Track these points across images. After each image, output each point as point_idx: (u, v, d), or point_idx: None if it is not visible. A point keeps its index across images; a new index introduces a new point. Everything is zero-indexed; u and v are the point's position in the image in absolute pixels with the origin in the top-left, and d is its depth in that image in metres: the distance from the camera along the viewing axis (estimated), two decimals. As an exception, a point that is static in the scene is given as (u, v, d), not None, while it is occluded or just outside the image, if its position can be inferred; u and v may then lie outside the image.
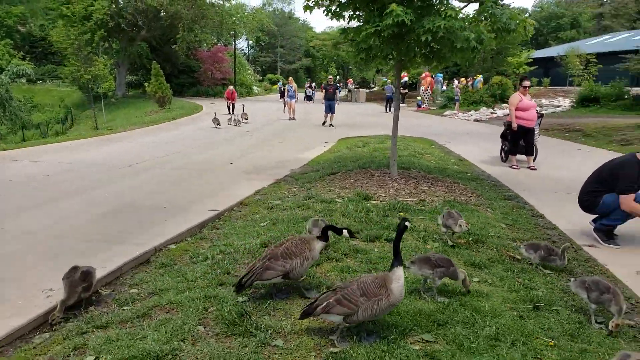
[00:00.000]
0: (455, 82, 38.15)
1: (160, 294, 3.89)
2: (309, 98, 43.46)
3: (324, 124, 20.02)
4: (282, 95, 45.78)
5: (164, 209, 6.82)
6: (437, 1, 7.01)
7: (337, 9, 7.27)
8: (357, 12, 7.41)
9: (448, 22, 6.21)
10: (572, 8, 75.38)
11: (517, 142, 10.41)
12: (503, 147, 11.20)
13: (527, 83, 10.27)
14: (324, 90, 21.92)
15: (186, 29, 36.55)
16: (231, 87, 26.12)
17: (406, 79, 34.29)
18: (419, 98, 33.71)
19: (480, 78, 36.32)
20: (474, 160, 11.19)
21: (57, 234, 5.73)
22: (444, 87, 38.92)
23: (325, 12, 7.44)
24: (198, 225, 6.06)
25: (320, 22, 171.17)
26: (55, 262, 4.71)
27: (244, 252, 4.75)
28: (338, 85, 27.85)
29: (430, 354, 2.89)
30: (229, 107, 24.63)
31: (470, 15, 7.09)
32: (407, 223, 3.13)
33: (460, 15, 6.57)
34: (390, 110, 28.63)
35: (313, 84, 49.66)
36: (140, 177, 9.23)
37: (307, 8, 7.52)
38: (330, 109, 19.71)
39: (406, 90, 34.65)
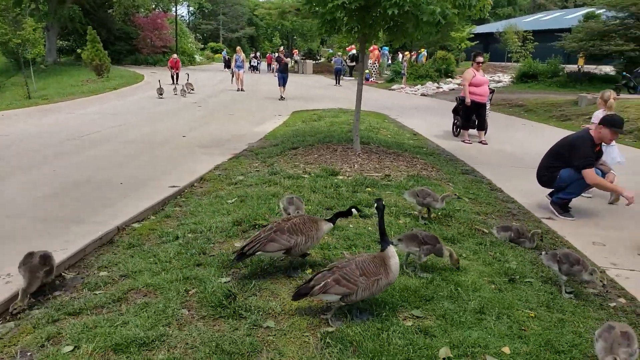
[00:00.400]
0: (400, 55, 38.61)
1: (134, 277, 3.70)
2: (254, 68, 42.60)
3: (281, 98, 19.46)
4: (227, 65, 44.65)
5: (121, 186, 6.47)
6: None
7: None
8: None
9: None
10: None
11: (470, 117, 10.70)
12: (455, 121, 11.48)
13: (480, 59, 10.51)
14: (276, 62, 21.27)
15: (122, -8, 34.37)
16: (175, 55, 25.03)
17: (354, 51, 34.23)
18: (366, 71, 33.81)
19: (424, 52, 36.94)
20: (427, 135, 11.42)
21: (8, 213, 5.30)
22: (389, 61, 39.27)
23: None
24: (160, 202, 5.80)
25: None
26: (10, 245, 4.37)
27: (216, 230, 4.60)
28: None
29: (423, 329, 2.94)
30: (172, 77, 23.65)
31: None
32: (382, 202, 3.18)
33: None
34: (339, 83, 28.61)
35: (258, 54, 48.61)
36: (89, 151, 8.69)
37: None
38: (284, 81, 19.26)
39: (354, 63, 34.64)
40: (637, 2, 21.36)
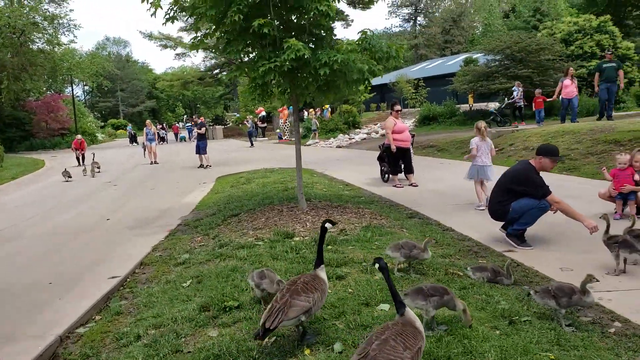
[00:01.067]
0: (306, 113, 39.76)
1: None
2: (162, 139, 41.54)
3: (203, 166, 18.71)
4: (132, 139, 43.17)
5: (50, 286, 5.64)
6: (325, 35, 7.12)
7: (227, 46, 6.91)
8: (247, 48, 7.13)
9: (344, 56, 6.30)
10: (394, 40, 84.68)
11: (397, 162, 11.01)
12: (382, 168, 11.74)
13: (398, 107, 10.99)
14: (196, 131, 20.48)
15: (12, 78, 32.29)
16: (79, 136, 23.67)
17: (264, 113, 34.72)
18: (278, 130, 34.27)
19: (328, 108, 38.38)
20: (359, 184, 11.52)
21: None
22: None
23: (212, 49, 7.05)
24: (102, 298, 5.12)
25: (161, 63, 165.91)
26: None
27: (182, 321, 4.07)
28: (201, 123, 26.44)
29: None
30: (78, 159, 22.23)
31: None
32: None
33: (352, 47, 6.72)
34: (253, 145, 28.57)
35: (164, 124, 47.66)
36: (2, 251, 7.60)
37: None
38: (204, 150, 18.55)
39: (265, 125, 35.01)
40: (510, 46, 24.07)
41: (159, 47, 46.34)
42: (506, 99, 23.53)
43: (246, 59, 7.32)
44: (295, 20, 6.83)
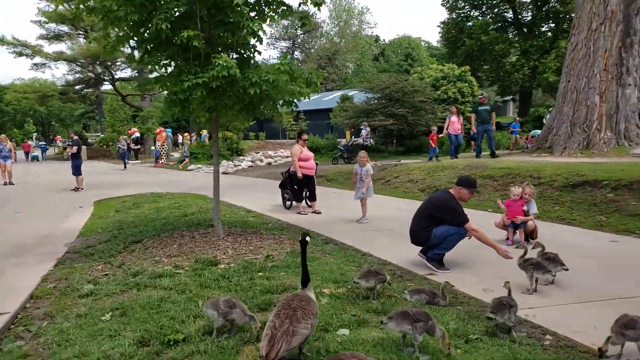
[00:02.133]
0: (180, 137, 38.24)
1: None
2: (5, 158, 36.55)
3: (76, 189, 16.65)
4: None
5: None
6: (251, 54, 7.00)
7: (146, 55, 6.40)
8: (168, 60, 6.69)
9: (275, 76, 6.23)
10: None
11: (302, 189, 11.07)
12: (285, 195, 11.70)
13: (305, 137, 11.14)
14: (69, 151, 18.08)
15: None
16: None
17: (137, 134, 32.61)
18: (153, 149, 32.25)
19: (205, 133, 37.26)
20: (261, 211, 11.30)
21: None
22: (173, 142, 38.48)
23: (129, 59, 6.47)
24: (-7, 340, 4.22)
25: (6, 72, 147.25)
26: None
27: (120, 359, 3.52)
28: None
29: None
30: None
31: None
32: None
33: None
34: (126, 167, 26.57)
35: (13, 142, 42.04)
36: None
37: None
38: (79, 171, 16.55)
39: (139, 146, 32.86)
40: (389, 86, 26.08)
41: (12, 54, 41.16)
42: (353, 137, 25.23)
43: (163, 70, 6.85)
44: (221, 37, 6.58)
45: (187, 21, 6.28)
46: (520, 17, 39.48)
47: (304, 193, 11.23)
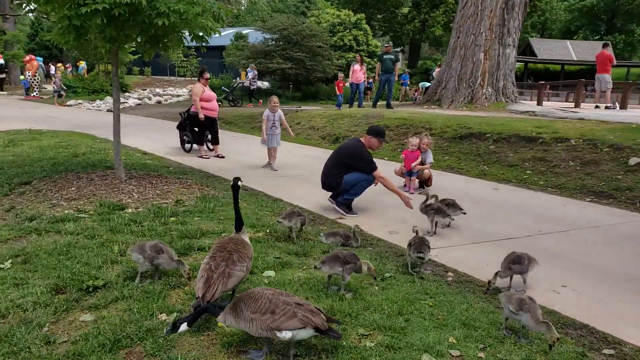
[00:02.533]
0: (53, 68, 34.21)
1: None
2: None
3: None
4: None
5: None
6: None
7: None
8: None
9: (185, 7, 5.82)
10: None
11: (204, 132, 10.71)
12: (184, 137, 11.23)
13: (207, 75, 10.66)
14: None
15: None
16: None
17: (2, 61, 28.48)
18: (22, 79, 28.48)
19: (83, 65, 33.60)
20: (160, 154, 10.77)
21: None
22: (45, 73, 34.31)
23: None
24: None
25: None
26: None
27: (34, 307, 3.29)
28: None
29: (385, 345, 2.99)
30: None
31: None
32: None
33: None
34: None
35: None
36: None
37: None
38: None
39: (4, 75, 28.84)
40: (287, 28, 25.58)
41: None
42: (238, 79, 24.77)
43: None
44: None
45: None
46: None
47: (206, 136, 10.87)
